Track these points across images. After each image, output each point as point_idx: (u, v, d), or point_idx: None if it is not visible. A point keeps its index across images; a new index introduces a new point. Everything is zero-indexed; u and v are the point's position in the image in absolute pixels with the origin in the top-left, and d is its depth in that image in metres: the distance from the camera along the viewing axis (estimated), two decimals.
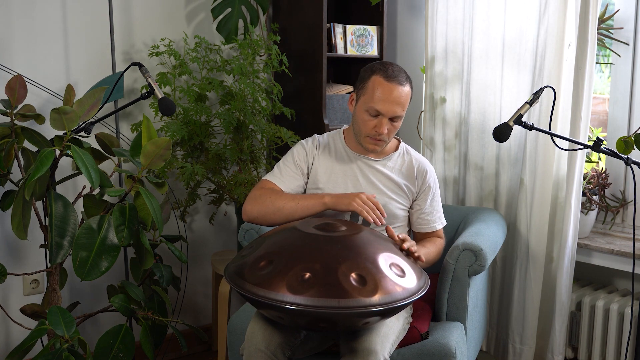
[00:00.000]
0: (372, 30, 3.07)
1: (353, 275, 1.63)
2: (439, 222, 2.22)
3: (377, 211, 1.93)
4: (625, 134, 2.57)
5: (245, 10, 2.91)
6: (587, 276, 2.73)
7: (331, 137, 2.23)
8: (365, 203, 1.93)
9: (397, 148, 2.21)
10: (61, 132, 2.15)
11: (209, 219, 3.03)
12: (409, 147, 2.25)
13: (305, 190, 2.18)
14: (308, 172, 2.17)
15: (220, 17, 2.89)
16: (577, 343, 2.61)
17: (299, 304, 1.59)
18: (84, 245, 2.05)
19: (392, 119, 2.04)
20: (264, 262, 1.70)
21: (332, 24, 2.98)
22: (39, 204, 2.44)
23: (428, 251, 2.09)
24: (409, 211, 2.21)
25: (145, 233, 2.31)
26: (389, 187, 2.15)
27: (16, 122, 2.30)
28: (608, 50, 2.63)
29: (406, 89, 2.03)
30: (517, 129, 2.58)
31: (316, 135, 2.24)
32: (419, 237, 2.23)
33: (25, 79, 2.40)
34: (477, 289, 2.26)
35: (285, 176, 2.13)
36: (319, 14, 2.85)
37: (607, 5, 2.62)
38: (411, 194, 2.18)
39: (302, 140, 2.22)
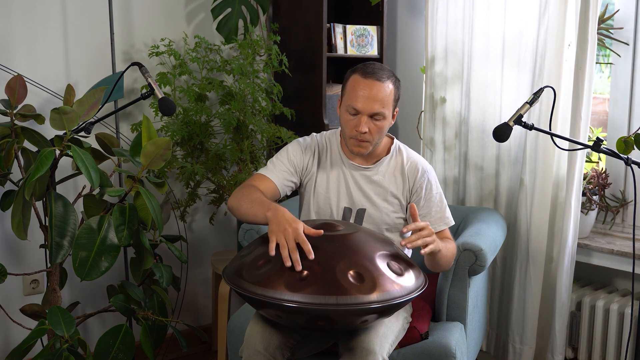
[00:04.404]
0: (372, 30, 3.07)
1: (351, 272, 1.63)
2: (441, 224, 2.05)
3: (296, 254, 1.66)
4: (625, 134, 2.57)
5: (245, 10, 2.91)
6: (587, 276, 2.73)
7: (328, 138, 2.14)
8: (287, 241, 1.68)
9: (389, 151, 2.09)
10: (61, 132, 2.15)
11: (209, 219, 3.03)
12: (403, 147, 2.13)
13: (297, 189, 2.13)
14: (301, 172, 2.10)
15: (220, 17, 2.90)
16: (577, 343, 2.61)
17: (297, 302, 1.59)
18: (84, 245, 2.05)
19: (373, 117, 1.94)
20: (262, 261, 1.70)
21: (332, 23, 2.98)
22: (39, 204, 2.44)
23: (446, 246, 1.93)
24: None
25: (145, 233, 2.31)
26: (381, 196, 2.05)
27: (16, 122, 2.30)
28: (608, 50, 2.63)
29: (386, 85, 1.94)
30: (517, 129, 2.58)
31: (314, 135, 2.16)
32: None
33: (25, 79, 2.40)
34: (477, 289, 2.26)
35: (278, 169, 2.06)
36: (319, 14, 2.85)
37: (607, 5, 2.62)
38: (405, 197, 2.07)
39: (300, 139, 2.14)
